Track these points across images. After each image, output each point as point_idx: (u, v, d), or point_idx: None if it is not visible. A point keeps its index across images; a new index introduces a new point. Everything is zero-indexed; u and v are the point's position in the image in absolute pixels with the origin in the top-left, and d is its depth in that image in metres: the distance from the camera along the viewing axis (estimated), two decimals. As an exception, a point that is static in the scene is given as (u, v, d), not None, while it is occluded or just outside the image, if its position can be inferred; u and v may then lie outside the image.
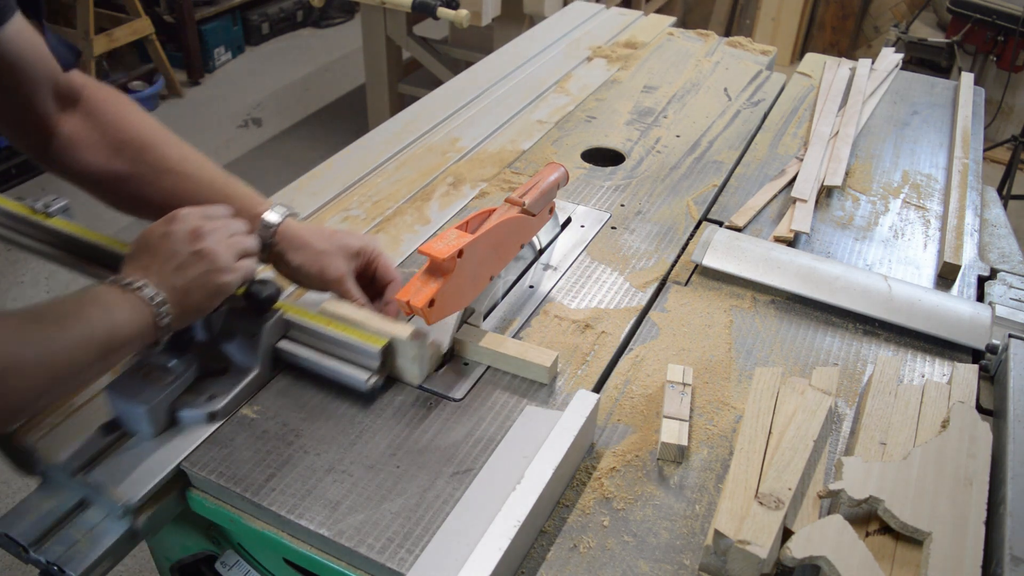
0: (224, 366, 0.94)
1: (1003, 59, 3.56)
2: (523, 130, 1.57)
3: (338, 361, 0.94)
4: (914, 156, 1.55)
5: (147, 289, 0.79)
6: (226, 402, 0.90)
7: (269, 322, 0.94)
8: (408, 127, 1.56)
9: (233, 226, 0.88)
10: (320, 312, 0.96)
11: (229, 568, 0.96)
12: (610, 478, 0.88)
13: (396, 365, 0.95)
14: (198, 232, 0.84)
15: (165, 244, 0.83)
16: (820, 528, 0.75)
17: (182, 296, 0.82)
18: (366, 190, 1.36)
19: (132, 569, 1.99)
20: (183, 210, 0.86)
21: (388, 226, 1.27)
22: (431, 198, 1.35)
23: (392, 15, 3.20)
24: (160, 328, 0.80)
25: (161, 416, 0.87)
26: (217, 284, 0.84)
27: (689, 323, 1.10)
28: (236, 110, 4.13)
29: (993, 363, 1.03)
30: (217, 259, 0.84)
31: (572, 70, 1.83)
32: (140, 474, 0.84)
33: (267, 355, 0.95)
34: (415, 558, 0.77)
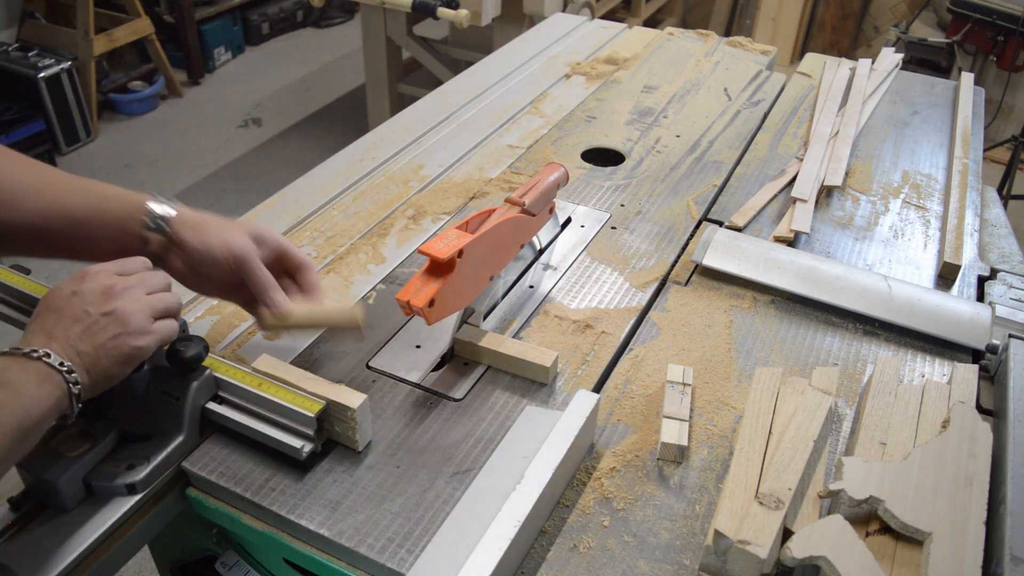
0: (148, 430, 0.86)
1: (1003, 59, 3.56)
2: (492, 156, 1.48)
3: (271, 426, 0.86)
4: (914, 156, 1.55)
5: (52, 357, 0.72)
6: (148, 471, 0.82)
7: (196, 383, 0.86)
8: (370, 153, 1.47)
9: (151, 281, 0.81)
10: (252, 371, 0.89)
11: (229, 568, 0.96)
12: (610, 478, 0.88)
13: (335, 430, 0.87)
14: (110, 291, 0.77)
15: (72, 305, 0.76)
16: (820, 528, 0.75)
17: (89, 363, 0.74)
18: (320, 224, 1.27)
19: (132, 569, 1.99)
20: (95, 267, 0.80)
21: (340, 265, 1.18)
22: (388, 233, 1.25)
23: (392, 15, 3.20)
24: (73, 396, 0.73)
25: (76, 489, 0.80)
26: (130, 348, 0.76)
27: (689, 323, 1.10)
28: (236, 110, 4.13)
29: (993, 363, 1.03)
30: (130, 321, 0.77)
31: (549, 88, 1.75)
32: (52, 553, 0.77)
33: (194, 418, 0.87)
34: (415, 558, 0.77)
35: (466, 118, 1.61)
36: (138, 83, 4.08)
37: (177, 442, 0.85)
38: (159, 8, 4.23)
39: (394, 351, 1.03)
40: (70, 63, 3.54)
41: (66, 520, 0.79)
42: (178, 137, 3.87)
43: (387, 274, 1.17)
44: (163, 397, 0.86)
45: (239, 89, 4.34)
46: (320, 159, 1.43)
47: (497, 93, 1.72)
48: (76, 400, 0.73)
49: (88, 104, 3.70)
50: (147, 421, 0.86)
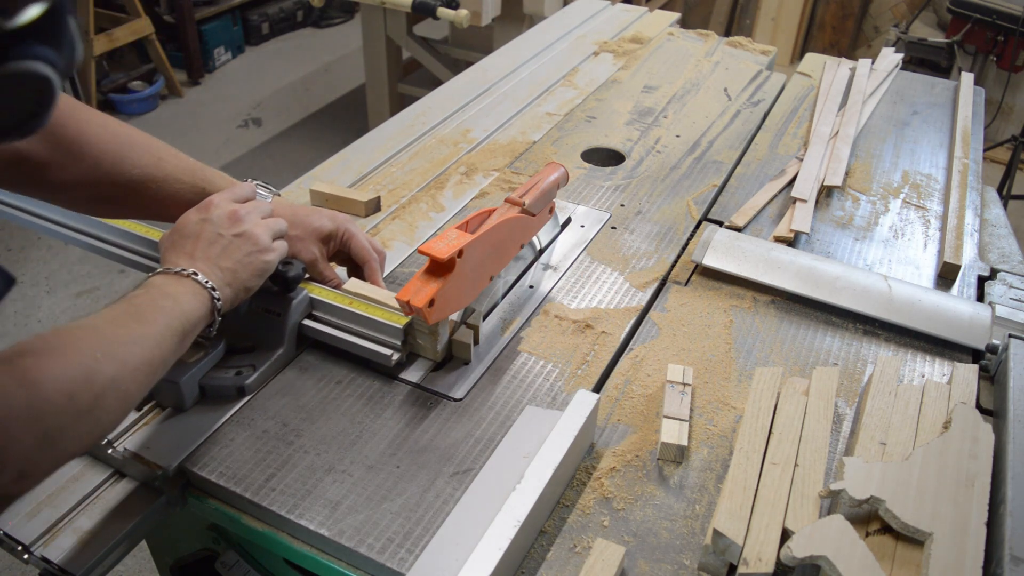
0: (251, 344, 0.97)
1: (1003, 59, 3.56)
2: (532, 122, 1.60)
3: (362, 339, 0.97)
4: (914, 156, 1.55)
5: (200, 275, 0.83)
6: (254, 377, 0.93)
7: (295, 301, 0.97)
8: (419, 119, 1.58)
9: (263, 207, 0.93)
10: (343, 292, 0.99)
11: (229, 568, 0.96)
12: (610, 478, 0.88)
13: (418, 343, 0.98)
14: (236, 216, 0.88)
15: (206, 230, 0.87)
16: (820, 528, 0.75)
17: (231, 277, 0.86)
18: (381, 179, 1.39)
19: (132, 569, 2.00)
20: (216, 196, 0.91)
21: (403, 213, 1.30)
22: (445, 186, 1.37)
23: (392, 15, 3.20)
24: (216, 310, 0.84)
25: (192, 390, 0.90)
26: (262, 263, 0.89)
27: (689, 323, 1.10)
28: (236, 110, 4.13)
29: (993, 363, 1.03)
30: (259, 239, 0.89)
31: (579, 64, 1.86)
32: (174, 444, 0.87)
33: (293, 333, 0.98)
34: (415, 558, 0.77)
35: (505, 90, 1.73)
36: (138, 83, 4.08)
37: (279, 353, 0.97)
38: (159, 8, 4.23)
39: (394, 351, 1.03)
40: (70, 63, 3.54)
41: (185, 417, 0.91)
42: (178, 137, 3.87)
43: (387, 273, 1.17)
44: (265, 314, 0.97)
45: (239, 89, 4.34)
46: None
47: (531, 69, 1.84)
48: (218, 312, 0.85)
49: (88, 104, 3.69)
50: (251, 335, 0.98)
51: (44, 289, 2.86)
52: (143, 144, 0.95)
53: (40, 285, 2.88)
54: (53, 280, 2.91)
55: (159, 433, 0.88)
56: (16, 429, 0.62)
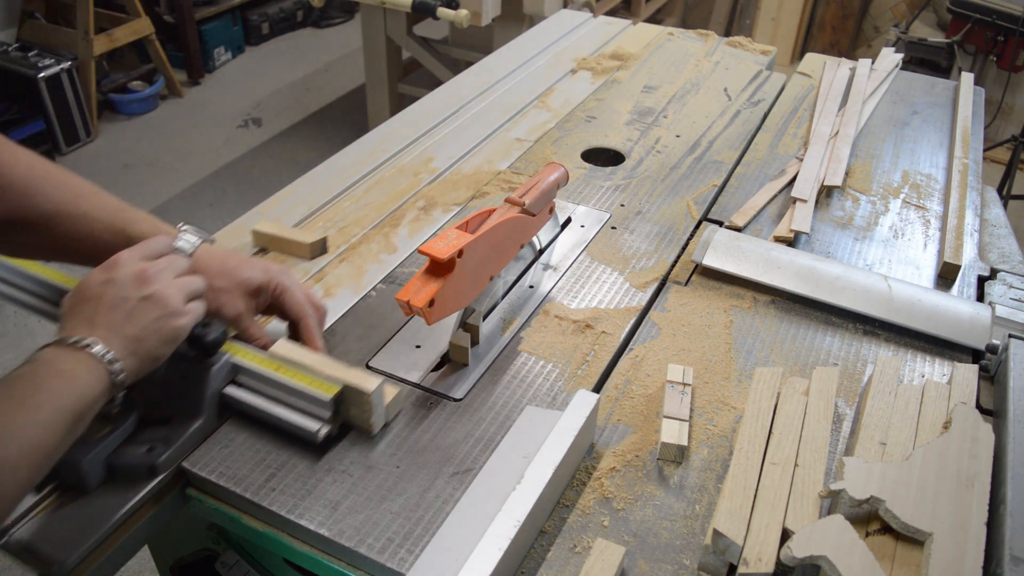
0: (167, 414, 0.87)
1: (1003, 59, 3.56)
2: (500, 148, 1.50)
3: (288, 409, 0.88)
4: (914, 156, 1.55)
5: (97, 346, 0.74)
6: (167, 454, 0.83)
7: (215, 367, 0.87)
8: (381, 146, 1.48)
9: (178, 264, 0.83)
10: (271, 355, 0.90)
11: (229, 568, 0.96)
12: (610, 478, 0.88)
13: (350, 413, 0.88)
14: (144, 276, 0.79)
15: (110, 292, 0.78)
16: (820, 528, 0.75)
17: (136, 346, 0.77)
18: (332, 215, 1.29)
19: (132, 569, 1.99)
20: (123, 253, 0.81)
21: (352, 255, 1.20)
22: (400, 224, 1.27)
23: (392, 15, 3.20)
24: (115, 385, 0.75)
25: (96, 470, 0.81)
26: (172, 329, 0.79)
27: (689, 323, 1.10)
28: (236, 110, 4.13)
29: (993, 363, 1.03)
30: (169, 302, 0.79)
31: (555, 83, 1.76)
32: (75, 532, 0.78)
33: (213, 402, 0.88)
34: (415, 558, 0.77)
35: (475, 111, 1.63)
36: (138, 83, 4.08)
37: (196, 425, 0.87)
38: (159, 8, 4.23)
39: (394, 351, 1.03)
40: (70, 63, 3.54)
41: (88, 501, 0.81)
42: (178, 137, 3.87)
43: (387, 273, 1.17)
44: (183, 381, 0.87)
45: (239, 89, 4.34)
46: (320, 159, 1.43)
47: (505, 88, 1.74)
48: (119, 387, 0.76)
49: (88, 104, 3.70)
50: (167, 404, 0.88)
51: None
52: (60, 179, 0.88)
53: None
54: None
55: (58, 520, 0.79)
56: None
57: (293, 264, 1.18)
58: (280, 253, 1.20)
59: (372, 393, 0.85)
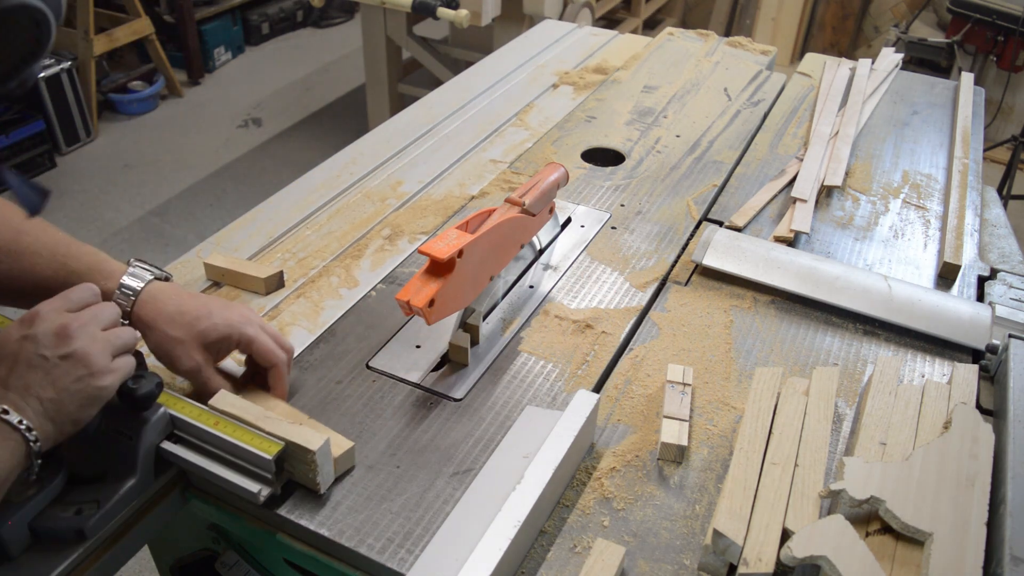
0: (99, 472, 0.81)
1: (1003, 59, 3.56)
2: (474, 171, 1.43)
3: (228, 468, 0.82)
4: (914, 156, 1.55)
5: (11, 414, 0.68)
6: (97, 517, 0.77)
7: (149, 421, 0.81)
8: (348, 169, 1.41)
9: (104, 315, 0.77)
10: (209, 409, 0.84)
11: (229, 568, 0.96)
12: (610, 478, 0.88)
13: (296, 471, 0.82)
14: (65, 331, 0.73)
15: (26, 350, 0.72)
16: (820, 528, 0.75)
17: (53, 410, 0.71)
18: (292, 245, 1.22)
19: (132, 569, 1.99)
20: (43, 306, 0.75)
21: (311, 289, 1.13)
22: (363, 255, 1.20)
23: (392, 15, 3.20)
24: (32, 454, 0.70)
25: (19, 536, 0.75)
26: (94, 389, 0.73)
27: (689, 323, 1.10)
28: (236, 110, 4.13)
29: (993, 363, 1.03)
30: (92, 361, 0.73)
31: (535, 99, 1.70)
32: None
33: (148, 458, 0.82)
34: (415, 558, 0.77)
35: (448, 131, 1.56)
36: (138, 83, 4.08)
37: (130, 484, 0.80)
38: (159, 8, 4.23)
39: (394, 351, 1.03)
40: (70, 63, 3.54)
41: (11, 569, 0.75)
42: (178, 137, 3.87)
43: (387, 274, 1.17)
44: (115, 436, 0.81)
45: (239, 89, 4.34)
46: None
47: (482, 104, 1.67)
48: (36, 456, 0.70)
49: (88, 104, 3.70)
50: (98, 462, 0.81)
51: (44, 289, 2.86)
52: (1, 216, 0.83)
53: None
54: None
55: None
56: None
57: (248, 299, 1.11)
58: (234, 287, 1.13)
59: (317, 451, 0.79)
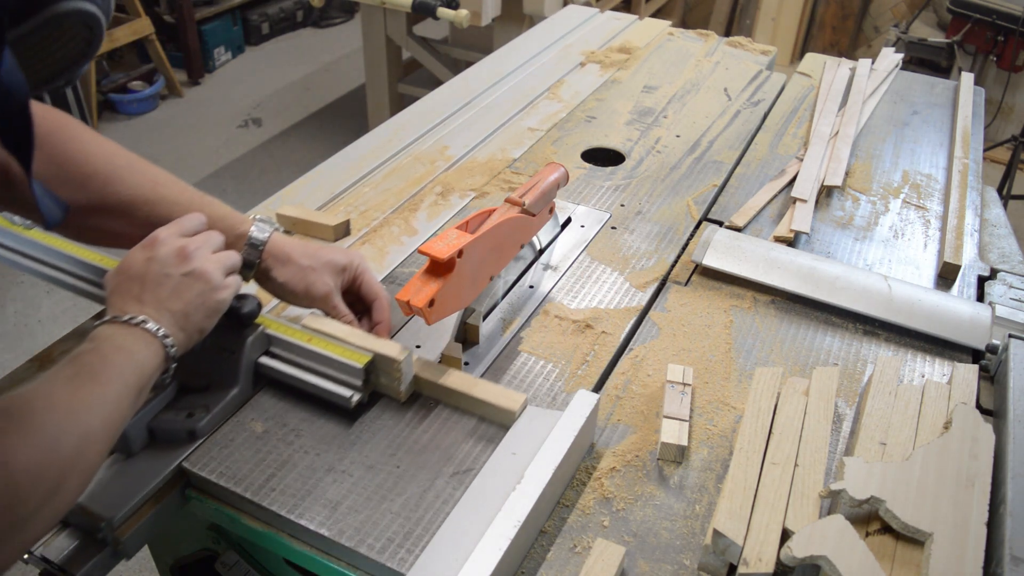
0: (205, 382, 0.91)
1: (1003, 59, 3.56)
2: (514, 137, 1.54)
3: (321, 377, 0.92)
4: (914, 156, 1.55)
5: (150, 323, 0.78)
6: (206, 419, 0.88)
7: (250, 338, 0.91)
8: (397, 135, 1.53)
9: (214, 240, 0.86)
10: (302, 328, 0.94)
11: (229, 568, 0.96)
12: (610, 478, 0.88)
13: (380, 382, 0.93)
14: (184, 252, 0.82)
15: (153, 269, 0.81)
16: (820, 528, 0.75)
17: (183, 320, 0.80)
18: (353, 200, 1.33)
19: (132, 569, 2.00)
20: (161, 231, 0.84)
21: (374, 237, 1.24)
22: (419, 208, 1.32)
23: (392, 15, 3.20)
24: (169, 358, 0.79)
25: (140, 434, 0.85)
26: (215, 302, 0.83)
27: (689, 323, 1.10)
28: (236, 110, 4.13)
29: (993, 363, 1.03)
30: (211, 277, 0.82)
31: (564, 76, 1.80)
32: (120, 491, 0.81)
33: (248, 371, 0.92)
34: (415, 558, 0.77)
35: (486, 103, 1.67)
36: (138, 83, 4.08)
37: (233, 393, 0.91)
38: (159, 8, 4.23)
39: (394, 351, 1.03)
40: (70, 63, 3.54)
41: (132, 463, 0.85)
42: (178, 137, 3.87)
43: (388, 273, 1.17)
44: (219, 352, 0.91)
45: (239, 89, 4.34)
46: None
47: (515, 80, 1.78)
48: (172, 359, 0.80)
49: (88, 104, 3.69)
50: (204, 374, 0.92)
51: (44, 289, 2.86)
52: (139, 167, 0.91)
53: (40, 285, 2.88)
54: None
55: (104, 481, 0.82)
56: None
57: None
58: (304, 235, 1.23)
59: (402, 361, 0.90)
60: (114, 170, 0.88)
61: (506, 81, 1.77)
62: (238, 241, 0.93)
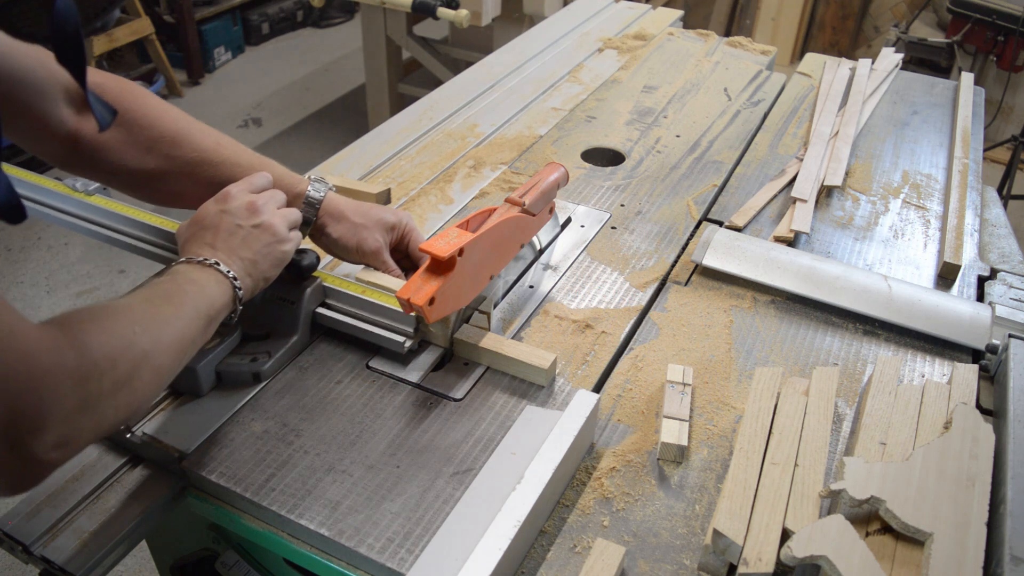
0: (266, 331, 0.99)
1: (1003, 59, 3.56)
2: (539, 116, 1.63)
3: (375, 326, 0.99)
4: (914, 156, 1.55)
5: (222, 266, 0.84)
6: (270, 363, 0.95)
7: (309, 289, 0.99)
8: (426, 115, 1.62)
9: (279, 197, 0.94)
10: (356, 280, 1.01)
11: (229, 568, 0.96)
12: (610, 478, 0.88)
13: (430, 330, 1.00)
14: (254, 206, 0.90)
15: (225, 220, 0.88)
16: (820, 528, 0.75)
17: (251, 268, 0.87)
18: (390, 172, 1.42)
19: (132, 569, 1.99)
20: (232, 187, 0.91)
21: (413, 206, 1.33)
22: (453, 179, 1.41)
23: (392, 15, 3.20)
24: (237, 299, 0.85)
25: (208, 376, 0.92)
26: (281, 252, 0.91)
27: (689, 323, 1.10)
28: (236, 110, 4.13)
29: (993, 363, 1.03)
30: (277, 230, 0.90)
31: (584, 61, 1.89)
32: (192, 428, 0.89)
33: (307, 321, 1.00)
34: (415, 558, 0.77)
35: (510, 85, 1.77)
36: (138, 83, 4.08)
37: (293, 340, 0.98)
38: (159, 8, 4.23)
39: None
40: (70, 63, 3.54)
41: (202, 403, 0.93)
42: (178, 137, 3.86)
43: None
44: (279, 302, 0.99)
45: (239, 89, 4.34)
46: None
47: (536, 65, 1.88)
48: (240, 301, 0.86)
49: (88, 104, 3.69)
50: (265, 323, 0.99)
51: (44, 289, 2.86)
52: (203, 129, 0.97)
53: (40, 285, 2.88)
54: (53, 280, 2.91)
55: (176, 418, 0.90)
56: (64, 390, 0.62)
57: None
58: None
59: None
60: (179, 132, 0.94)
61: (528, 66, 1.86)
62: (296, 199, 1.00)
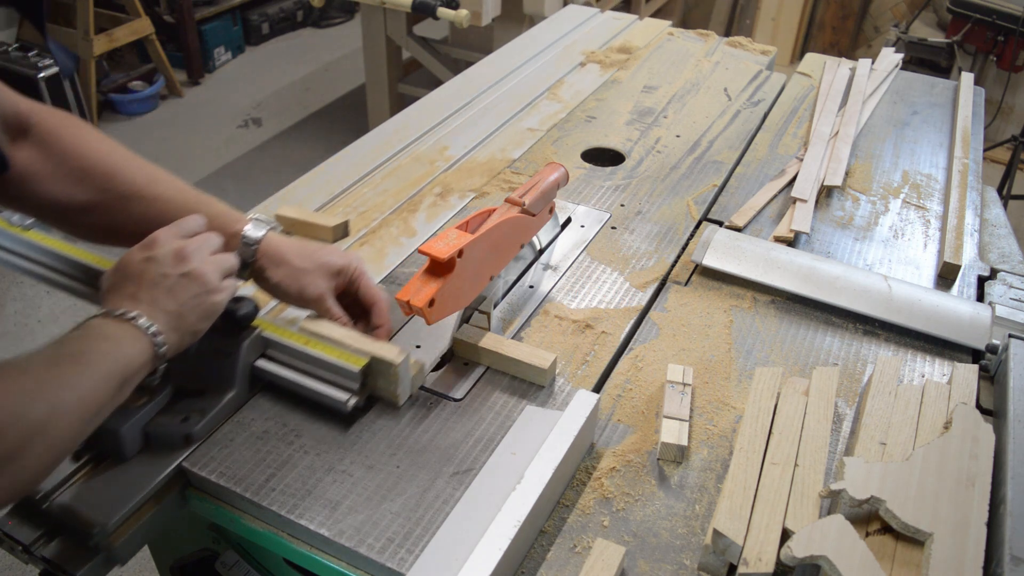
0: (201, 386, 0.91)
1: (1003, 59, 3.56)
2: (513, 138, 1.54)
3: (317, 381, 0.92)
4: (914, 156, 1.55)
5: (142, 319, 0.77)
6: (202, 424, 0.87)
7: (247, 341, 0.91)
8: (397, 135, 1.53)
9: (212, 242, 0.86)
10: (299, 330, 0.94)
11: (229, 568, 0.96)
12: (610, 478, 0.88)
13: (377, 385, 0.93)
14: (182, 253, 0.82)
15: (150, 269, 0.81)
16: (820, 528, 0.75)
17: (177, 321, 0.80)
18: (351, 200, 1.33)
19: (132, 569, 1.99)
20: (160, 232, 0.84)
21: (373, 238, 1.24)
22: (418, 209, 1.32)
23: (392, 15, 3.20)
24: (158, 357, 0.79)
25: (134, 439, 0.85)
26: (210, 304, 0.83)
27: (689, 323, 1.10)
28: (236, 110, 4.13)
29: (993, 363, 1.03)
30: (207, 279, 0.82)
31: (565, 76, 1.80)
32: (113, 498, 0.81)
33: (245, 374, 0.92)
34: (415, 558, 0.77)
35: (487, 103, 1.67)
36: (138, 83, 4.08)
37: (229, 396, 0.91)
38: (159, 8, 4.23)
39: (394, 351, 1.03)
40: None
41: (126, 468, 0.84)
42: (178, 137, 3.86)
43: (387, 274, 1.17)
44: (215, 355, 0.91)
45: (239, 89, 4.33)
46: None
47: (516, 80, 1.78)
48: (161, 359, 0.79)
49: (88, 104, 3.69)
50: (200, 377, 0.91)
51: (44, 289, 2.86)
52: (137, 163, 0.92)
53: (40, 285, 2.88)
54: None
55: (98, 485, 0.82)
56: None
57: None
58: (303, 236, 1.22)
59: (399, 365, 0.89)
60: (113, 165, 0.90)
61: (506, 81, 1.77)
62: (233, 239, 0.93)
